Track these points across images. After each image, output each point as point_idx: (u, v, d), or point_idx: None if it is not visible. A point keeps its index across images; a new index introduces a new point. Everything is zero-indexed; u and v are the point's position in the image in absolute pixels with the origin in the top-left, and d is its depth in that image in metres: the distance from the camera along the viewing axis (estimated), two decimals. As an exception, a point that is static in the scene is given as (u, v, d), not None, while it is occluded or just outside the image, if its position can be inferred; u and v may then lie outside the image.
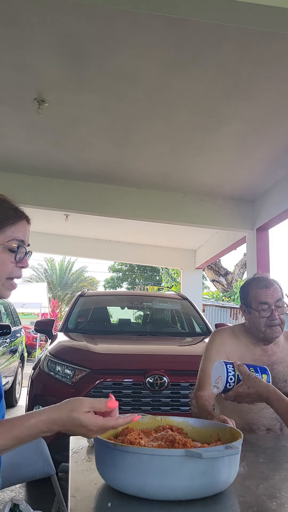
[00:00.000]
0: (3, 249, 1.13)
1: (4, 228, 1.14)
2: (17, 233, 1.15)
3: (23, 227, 1.18)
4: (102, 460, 1.13)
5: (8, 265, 1.14)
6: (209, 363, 2.04)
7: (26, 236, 1.19)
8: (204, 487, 1.05)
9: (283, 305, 2.02)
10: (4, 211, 1.16)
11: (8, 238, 1.14)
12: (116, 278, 28.26)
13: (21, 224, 1.18)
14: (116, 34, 3.23)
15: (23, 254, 1.17)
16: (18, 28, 3.23)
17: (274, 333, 2.00)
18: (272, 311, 1.99)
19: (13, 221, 1.16)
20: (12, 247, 1.13)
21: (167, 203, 6.60)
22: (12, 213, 1.17)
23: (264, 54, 3.35)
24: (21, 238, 1.16)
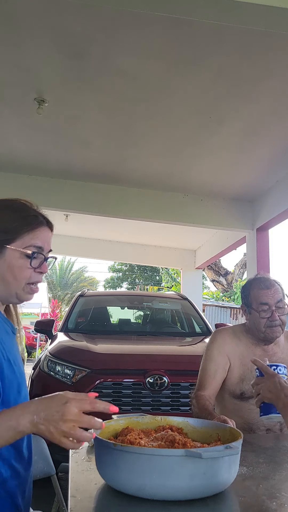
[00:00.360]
0: (20, 255, 1.17)
1: (21, 234, 1.18)
2: (35, 239, 1.19)
3: (41, 233, 1.21)
4: (102, 460, 1.13)
5: (26, 270, 1.18)
6: (210, 363, 2.05)
7: (46, 242, 1.22)
8: (204, 487, 1.05)
9: (284, 306, 2.02)
10: (22, 218, 1.20)
11: (25, 245, 1.18)
12: (116, 278, 28.26)
13: (39, 230, 1.21)
14: (116, 34, 3.23)
15: (41, 260, 1.20)
16: (18, 28, 3.23)
17: (274, 333, 2.01)
18: (272, 312, 1.99)
19: (31, 228, 1.19)
20: (28, 253, 1.17)
21: (167, 203, 6.60)
22: (31, 220, 1.21)
23: (264, 54, 3.35)
24: (39, 245, 1.19)
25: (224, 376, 2.04)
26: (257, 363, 1.51)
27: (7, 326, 1.23)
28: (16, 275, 1.18)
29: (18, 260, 1.18)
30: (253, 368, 2.02)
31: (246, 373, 2.02)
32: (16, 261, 1.18)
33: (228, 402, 2.05)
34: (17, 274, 1.18)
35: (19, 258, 1.18)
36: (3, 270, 1.18)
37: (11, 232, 1.18)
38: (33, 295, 1.23)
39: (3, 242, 1.17)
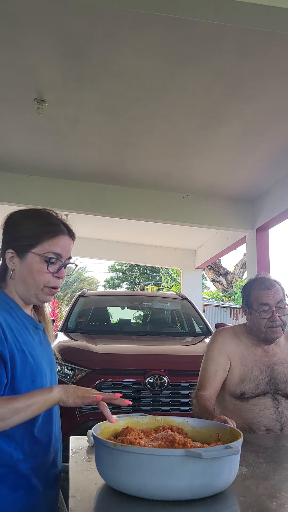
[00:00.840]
0: (40, 260, 1.30)
1: (42, 241, 1.30)
2: (54, 246, 1.31)
3: (61, 241, 1.33)
4: (102, 460, 1.13)
5: (44, 274, 1.30)
6: (211, 363, 2.05)
7: (65, 250, 1.33)
8: (204, 487, 1.05)
9: (284, 307, 2.02)
10: (44, 225, 1.33)
11: (45, 250, 1.30)
12: (116, 278, 28.25)
13: (58, 238, 1.32)
14: (116, 34, 3.23)
15: (59, 265, 1.32)
16: (18, 28, 3.23)
17: (275, 334, 2.00)
18: (272, 312, 1.99)
19: (51, 235, 1.31)
20: (47, 258, 1.30)
21: (167, 203, 6.60)
22: (51, 228, 1.33)
23: (264, 54, 3.35)
24: (57, 252, 1.31)
25: (225, 377, 2.04)
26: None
27: (28, 323, 1.34)
28: (35, 277, 1.30)
29: (38, 264, 1.30)
30: (253, 368, 2.03)
31: (247, 373, 2.01)
32: (36, 265, 1.30)
33: (228, 402, 2.05)
34: (36, 277, 1.30)
35: (39, 263, 1.30)
36: (24, 273, 1.31)
37: (33, 238, 1.31)
38: (51, 297, 1.35)
39: (26, 247, 1.30)
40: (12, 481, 1.24)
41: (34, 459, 1.28)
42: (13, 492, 1.24)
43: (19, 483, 1.25)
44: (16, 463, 1.25)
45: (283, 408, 1.98)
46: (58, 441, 1.41)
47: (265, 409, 1.97)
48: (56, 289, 1.34)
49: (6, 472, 1.24)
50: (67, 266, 1.36)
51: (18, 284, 1.33)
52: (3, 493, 1.24)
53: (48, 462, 1.33)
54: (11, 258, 1.32)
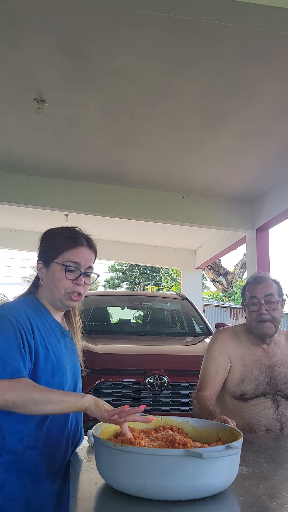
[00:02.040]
0: (60, 268, 1.46)
1: (63, 252, 1.48)
2: (73, 256, 1.48)
3: (79, 251, 1.49)
4: (102, 460, 1.13)
5: (64, 281, 1.46)
6: (211, 363, 2.05)
7: (83, 259, 1.49)
8: (204, 487, 1.05)
9: (274, 301, 2.02)
10: (65, 238, 1.50)
11: (64, 260, 1.47)
12: (116, 278, 28.24)
13: (77, 249, 1.49)
14: (116, 34, 3.23)
15: (78, 273, 1.47)
16: (18, 28, 3.23)
17: (264, 329, 2.00)
18: (260, 305, 2.00)
19: (70, 247, 1.49)
20: (65, 266, 1.46)
21: (167, 203, 6.60)
22: (71, 240, 1.50)
23: (264, 54, 3.35)
24: (76, 261, 1.47)
25: (225, 377, 2.04)
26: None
27: (55, 327, 1.50)
28: (56, 284, 1.47)
29: (59, 272, 1.47)
30: (253, 369, 2.03)
31: (247, 374, 2.01)
32: (57, 273, 1.47)
33: (229, 402, 2.05)
34: (57, 283, 1.46)
35: (59, 271, 1.47)
36: (49, 280, 1.48)
37: (56, 250, 1.49)
38: (75, 302, 1.51)
39: (50, 258, 1.49)
40: (19, 469, 1.32)
41: (44, 447, 1.36)
42: (19, 480, 1.31)
43: (26, 471, 1.32)
44: (25, 450, 1.33)
45: (283, 408, 1.98)
46: (74, 434, 1.49)
47: (265, 409, 1.97)
48: (79, 296, 1.49)
49: (14, 460, 1.33)
50: (89, 275, 1.51)
51: (46, 291, 1.50)
52: (10, 480, 1.31)
53: (59, 454, 1.40)
54: (41, 269, 1.51)
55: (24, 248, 10.40)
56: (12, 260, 35.25)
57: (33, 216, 7.72)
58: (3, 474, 1.31)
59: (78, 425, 1.53)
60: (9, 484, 1.31)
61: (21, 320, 1.38)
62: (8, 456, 1.33)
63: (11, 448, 1.33)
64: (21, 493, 1.31)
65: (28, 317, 1.40)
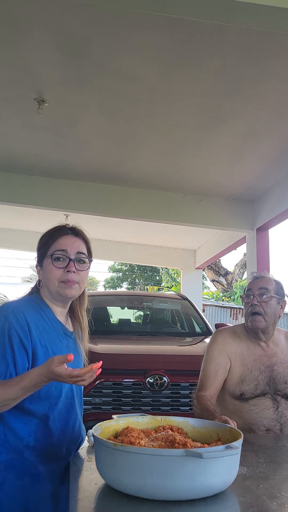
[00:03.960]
0: (50, 261, 1.48)
1: (50, 246, 1.50)
2: (58, 245, 1.49)
3: (63, 240, 1.50)
4: (102, 460, 1.13)
5: (55, 271, 1.47)
6: (211, 363, 2.05)
7: (69, 246, 1.49)
8: (204, 487, 1.05)
9: (267, 294, 2.03)
10: (49, 234, 1.53)
11: (52, 251, 1.49)
12: (116, 278, 28.23)
13: (61, 238, 1.50)
14: (116, 34, 3.23)
15: (67, 261, 1.47)
16: (18, 28, 3.23)
17: (254, 322, 2.02)
18: (253, 297, 2.02)
19: (55, 239, 1.50)
20: (52, 257, 1.47)
21: (167, 203, 6.60)
22: (55, 233, 1.52)
23: (264, 54, 3.35)
24: (62, 248, 1.48)
25: (225, 376, 2.04)
26: None
27: (57, 326, 1.49)
28: (48, 276, 1.48)
29: (49, 264, 1.48)
30: (252, 368, 2.03)
31: (246, 373, 2.02)
32: (48, 266, 1.49)
33: (228, 402, 2.05)
34: (49, 276, 1.47)
35: (49, 263, 1.48)
36: (45, 277, 1.50)
37: (45, 247, 1.51)
38: (71, 289, 1.47)
39: (42, 256, 1.52)
40: (18, 468, 1.32)
41: (44, 447, 1.36)
42: (18, 480, 1.31)
43: (25, 471, 1.32)
44: (24, 449, 1.33)
45: (283, 408, 1.98)
46: (76, 436, 1.48)
47: (264, 409, 1.97)
48: (71, 282, 1.46)
49: (14, 459, 1.33)
50: (80, 261, 1.50)
51: (45, 289, 1.51)
52: (9, 479, 1.31)
53: (59, 455, 1.40)
54: (38, 271, 1.54)
55: (24, 248, 10.40)
56: (12, 260, 35.24)
57: (33, 216, 7.72)
58: (3, 473, 1.32)
59: (81, 428, 1.53)
60: (8, 483, 1.31)
61: (15, 322, 1.37)
62: (7, 455, 1.33)
63: (11, 447, 1.33)
64: (20, 492, 1.31)
65: (25, 317, 1.39)
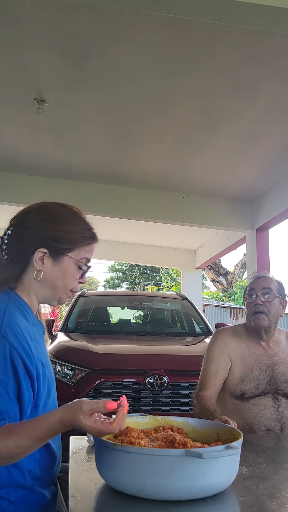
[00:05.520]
0: (75, 265, 1.24)
1: (80, 246, 1.25)
2: (88, 253, 1.28)
3: (93, 249, 1.30)
4: (102, 460, 1.12)
5: (75, 280, 1.26)
6: (211, 363, 2.05)
7: (92, 256, 1.30)
8: (204, 487, 1.04)
9: (270, 294, 2.04)
10: (84, 231, 1.28)
11: (80, 256, 1.25)
12: (116, 278, 28.23)
13: (92, 246, 1.29)
14: (116, 34, 3.23)
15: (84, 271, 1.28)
16: (18, 28, 3.23)
17: (257, 320, 2.02)
18: (257, 296, 2.04)
19: (88, 242, 1.28)
20: (82, 266, 1.26)
21: (167, 203, 6.60)
22: (90, 235, 1.29)
23: (264, 54, 3.35)
24: (89, 258, 1.28)
25: (225, 376, 2.04)
26: None
27: (39, 328, 1.26)
28: (67, 282, 1.24)
29: (72, 269, 1.24)
30: (253, 368, 2.03)
31: (247, 373, 2.01)
32: (71, 270, 1.24)
33: (229, 402, 2.05)
34: (68, 282, 1.24)
35: (73, 268, 1.24)
36: (56, 276, 1.23)
37: (73, 242, 1.24)
38: (67, 299, 1.30)
39: (64, 251, 1.23)
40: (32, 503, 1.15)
41: (48, 475, 1.20)
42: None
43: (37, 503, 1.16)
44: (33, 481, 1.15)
45: (283, 408, 1.98)
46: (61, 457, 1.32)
47: (265, 409, 1.97)
48: (76, 292, 1.32)
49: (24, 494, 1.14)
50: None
51: (43, 287, 1.23)
52: None
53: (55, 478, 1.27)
54: (41, 258, 1.20)
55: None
56: (12, 260, 35.15)
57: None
58: None
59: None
60: None
61: (15, 341, 1.09)
62: (16, 492, 1.12)
63: (19, 484, 1.12)
64: None
65: (21, 331, 1.12)
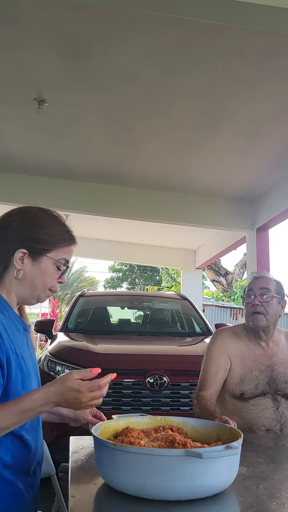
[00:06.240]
0: (53, 265, 1.32)
1: (59, 247, 1.33)
2: (67, 254, 1.36)
3: (71, 250, 1.38)
4: (102, 460, 1.12)
5: (54, 279, 1.33)
6: (211, 363, 2.05)
7: (71, 257, 1.38)
8: (204, 487, 1.04)
9: (268, 294, 2.04)
10: (63, 233, 1.36)
11: (58, 257, 1.33)
12: (116, 278, 28.24)
13: (71, 247, 1.37)
14: (116, 34, 3.23)
15: (63, 271, 1.36)
16: (18, 28, 3.23)
17: (255, 321, 2.02)
18: (255, 297, 2.04)
19: (67, 244, 1.35)
20: (61, 266, 1.34)
21: (167, 203, 6.60)
22: (68, 236, 1.37)
23: (264, 54, 3.35)
24: (68, 259, 1.36)
25: (225, 376, 2.04)
26: None
27: (18, 324, 1.32)
28: (46, 282, 1.32)
29: (51, 269, 1.32)
30: (253, 368, 2.03)
31: (246, 373, 2.02)
32: (49, 269, 1.32)
33: (228, 402, 2.05)
34: (46, 281, 1.32)
35: (52, 268, 1.32)
36: (35, 275, 1.31)
37: (52, 244, 1.32)
38: (47, 298, 1.38)
39: (43, 251, 1.31)
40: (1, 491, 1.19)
41: (21, 463, 1.23)
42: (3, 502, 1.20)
43: (5, 492, 1.20)
44: (3, 470, 1.19)
45: (283, 408, 1.98)
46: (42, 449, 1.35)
47: (265, 409, 1.97)
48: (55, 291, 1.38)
49: None
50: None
51: (22, 285, 1.30)
52: None
53: (31, 470, 1.28)
54: (21, 258, 1.28)
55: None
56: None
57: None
58: None
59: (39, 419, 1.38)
60: None
61: None
62: None
63: None
64: None
65: None
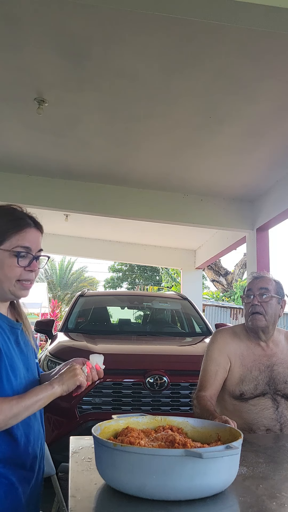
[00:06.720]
0: (10, 255, 1.30)
1: (9, 236, 1.30)
2: (22, 240, 1.31)
3: (28, 234, 1.33)
4: (102, 460, 1.13)
5: (15, 269, 1.31)
6: (211, 363, 2.05)
7: (34, 242, 1.33)
8: (204, 487, 1.05)
9: (267, 294, 2.04)
10: (10, 221, 1.32)
11: (13, 246, 1.30)
12: (116, 278, 28.24)
13: (26, 232, 1.33)
14: (116, 34, 3.23)
15: (30, 259, 1.32)
16: (18, 29, 3.23)
17: (255, 321, 2.02)
18: (254, 297, 2.03)
19: (18, 230, 1.31)
20: (20, 253, 1.30)
21: (167, 203, 6.60)
22: (17, 223, 1.33)
23: (264, 54, 3.35)
24: (26, 245, 1.31)
25: (225, 376, 2.04)
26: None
27: (3, 323, 1.34)
28: (7, 273, 1.30)
29: (8, 259, 1.30)
30: (252, 368, 2.03)
31: (246, 373, 2.02)
32: (6, 260, 1.30)
33: (228, 402, 2.05)
34: (7, 273, 1.30)
35: (8, 258, 1.30)
36: None
37: (2, 235, 1.30)
38: (27, 291, 1.35)
39: None
40: None
41: (11, 457, 1.27)
42: None
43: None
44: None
45: (283, 408, 1.98)
46: (40, 446, 1.39)
47: (264, 409, 1.97)
48: (30, 283, 1.35)
49: None
50: (39, 258, 1.36)
51: None
52: None
53: (27, 465, 1.32)
54: None
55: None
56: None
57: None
58: None
59: (41, 422, 1.44)
60: None
61: None
62: None
63: None
64: None
65: None
